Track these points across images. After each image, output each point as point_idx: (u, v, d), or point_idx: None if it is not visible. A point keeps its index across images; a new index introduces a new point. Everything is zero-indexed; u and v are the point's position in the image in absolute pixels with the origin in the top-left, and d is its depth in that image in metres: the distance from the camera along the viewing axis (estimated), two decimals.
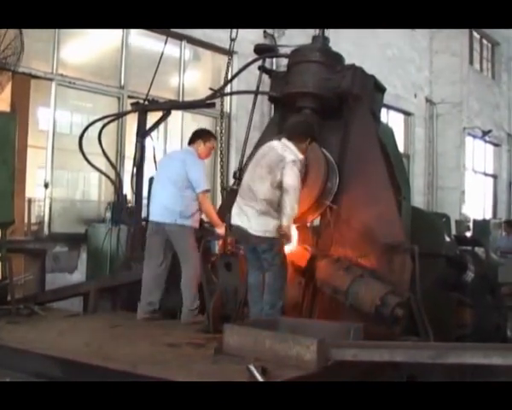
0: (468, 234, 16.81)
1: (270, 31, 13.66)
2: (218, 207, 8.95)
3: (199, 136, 8.08)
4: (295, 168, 6.60)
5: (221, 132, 9.89)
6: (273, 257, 6.70)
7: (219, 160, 9.72)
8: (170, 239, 7.75)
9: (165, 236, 7.75)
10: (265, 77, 8.67)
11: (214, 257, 7.94)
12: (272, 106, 9.18)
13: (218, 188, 10.26)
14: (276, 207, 6.65)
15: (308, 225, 7.62)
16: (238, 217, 6.86)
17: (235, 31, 9.19)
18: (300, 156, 6.77)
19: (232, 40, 9.18)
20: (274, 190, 6.63)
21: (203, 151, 8.00)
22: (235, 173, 8.43)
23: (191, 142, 8.09)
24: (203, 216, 7.99)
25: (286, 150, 6.75)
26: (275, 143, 6.97)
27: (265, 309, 6.68)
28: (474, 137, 21.82)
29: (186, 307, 7.57)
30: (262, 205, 6.65)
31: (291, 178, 6.56)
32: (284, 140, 6.90)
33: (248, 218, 6.73)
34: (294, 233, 7.26)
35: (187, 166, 7.73)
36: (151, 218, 7.94)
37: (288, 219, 6.57)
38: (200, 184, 7.69)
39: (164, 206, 7.69)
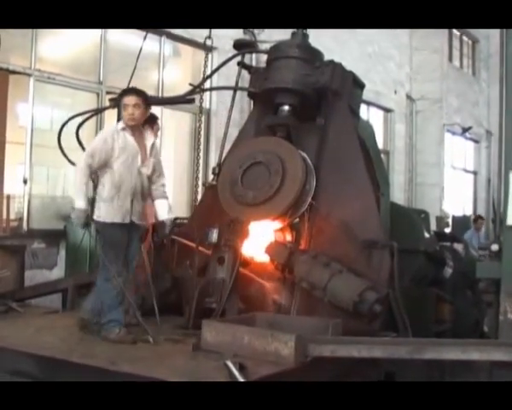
0: (448, 230, 16.91)
1: None
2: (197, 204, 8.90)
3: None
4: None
5: (199, 127, 10.10)
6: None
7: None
8: None
9: None
10: (245, 73, 8.66)
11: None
12: (251, 102, 9.16)
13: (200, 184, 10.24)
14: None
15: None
16: None
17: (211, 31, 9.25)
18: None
19: (208, 37, 9.21)
20: None
21: None
22: (213, 169, 8.35)
23: None
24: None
25: None
26: None
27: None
28: (454, 133, 21.90)
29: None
30: None
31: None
32: None
33: None
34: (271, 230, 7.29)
35: None
36: None
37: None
38: None
39: None
